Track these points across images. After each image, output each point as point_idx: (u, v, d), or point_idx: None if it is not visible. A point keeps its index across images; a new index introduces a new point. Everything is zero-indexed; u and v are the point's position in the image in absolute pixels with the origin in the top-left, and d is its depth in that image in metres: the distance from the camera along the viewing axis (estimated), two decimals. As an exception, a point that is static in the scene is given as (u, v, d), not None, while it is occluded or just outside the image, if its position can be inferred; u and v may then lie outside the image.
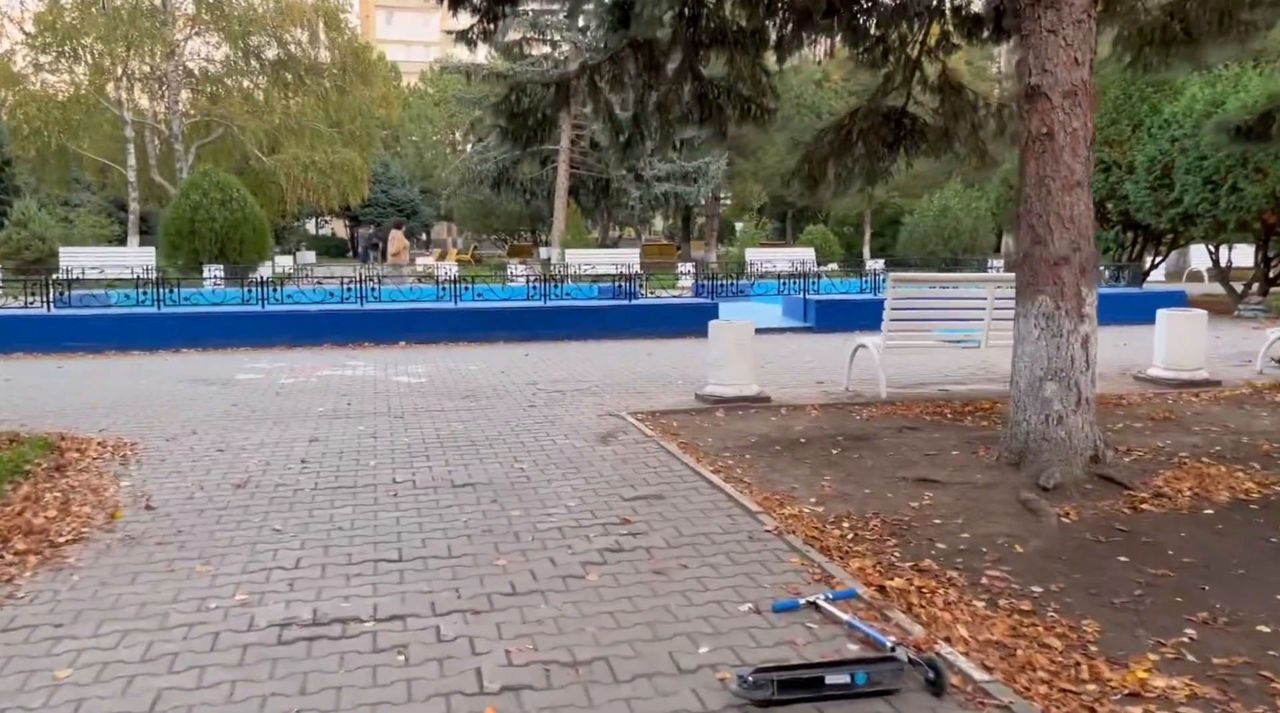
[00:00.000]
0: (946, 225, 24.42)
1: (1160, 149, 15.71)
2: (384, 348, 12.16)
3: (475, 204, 37.46)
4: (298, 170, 32.28)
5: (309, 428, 7.05)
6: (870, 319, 13.74)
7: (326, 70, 34.53)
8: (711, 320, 8.16)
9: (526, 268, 23.65)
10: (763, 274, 17.03)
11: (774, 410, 7.61)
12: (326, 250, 53.02)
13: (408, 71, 68.89)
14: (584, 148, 29.71)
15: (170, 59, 31.57)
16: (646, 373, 9.85)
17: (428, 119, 55.20)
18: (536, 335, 12.89)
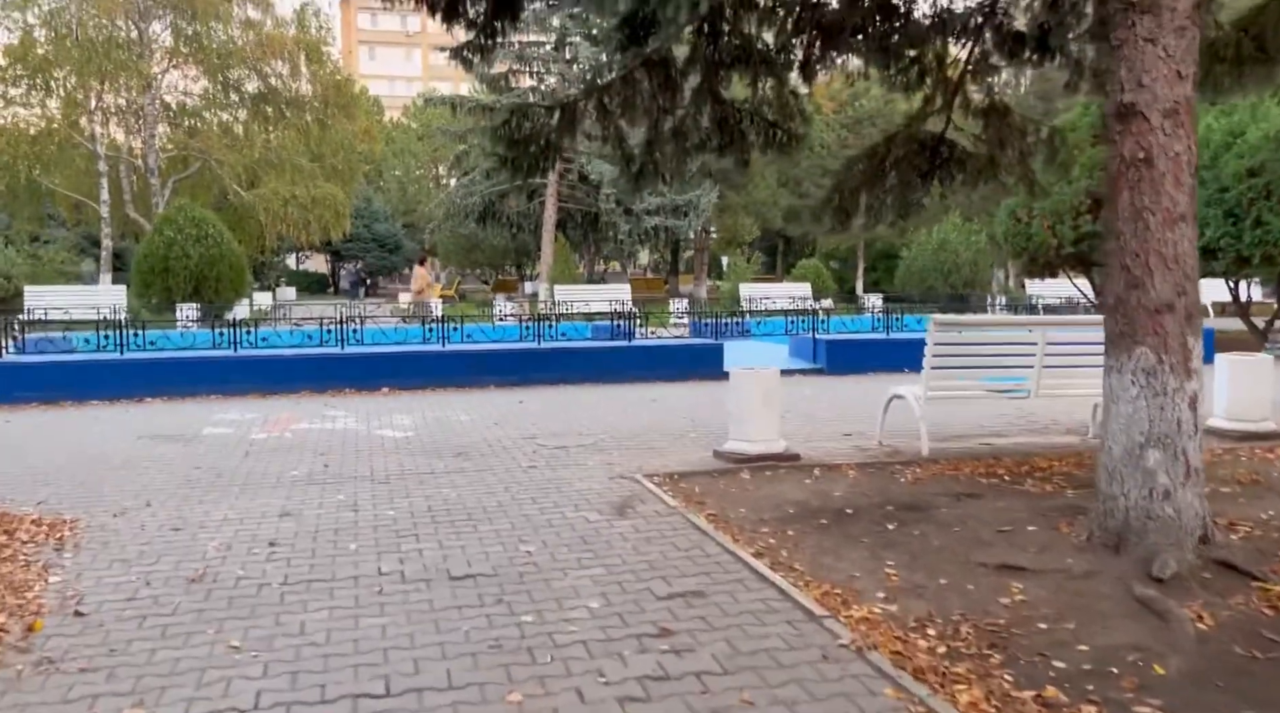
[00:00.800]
0: (946, 260, 23.85)
1: (1176, 181, 15.08)
2: (366, 395, 11.27)
3: (460, 239, 36.72)
4: (277, 205, 31.47)
5: (280, 498, 6.16)
6: (884, 360, 13.03)
7: (308, 103, 33.88)
8: (730, 367, 7.35)
9: (514, 305, 22.85)
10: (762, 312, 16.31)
11: (806, 471, 6.79)
12: (308, 286, 52.11)
13: (390, 106, 68.47)
14: (572, 181, 29.08)
15: (147, 92, 30.79)
16: (654, 424, 9.01)
17: (411, 153, 54.62)
18: (530, 380, 12.04)
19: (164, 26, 31.19)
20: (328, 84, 33.74)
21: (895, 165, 7.20)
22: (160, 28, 31.23)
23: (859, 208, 7.19)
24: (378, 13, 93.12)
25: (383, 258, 49.90)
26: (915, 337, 13.10)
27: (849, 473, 6.72)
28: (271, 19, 32.58)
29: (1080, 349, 7.27)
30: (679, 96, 6.74)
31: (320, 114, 34.06)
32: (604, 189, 27.10)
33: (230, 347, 11.52)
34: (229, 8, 30.88)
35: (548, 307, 22.13)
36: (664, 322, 21.79)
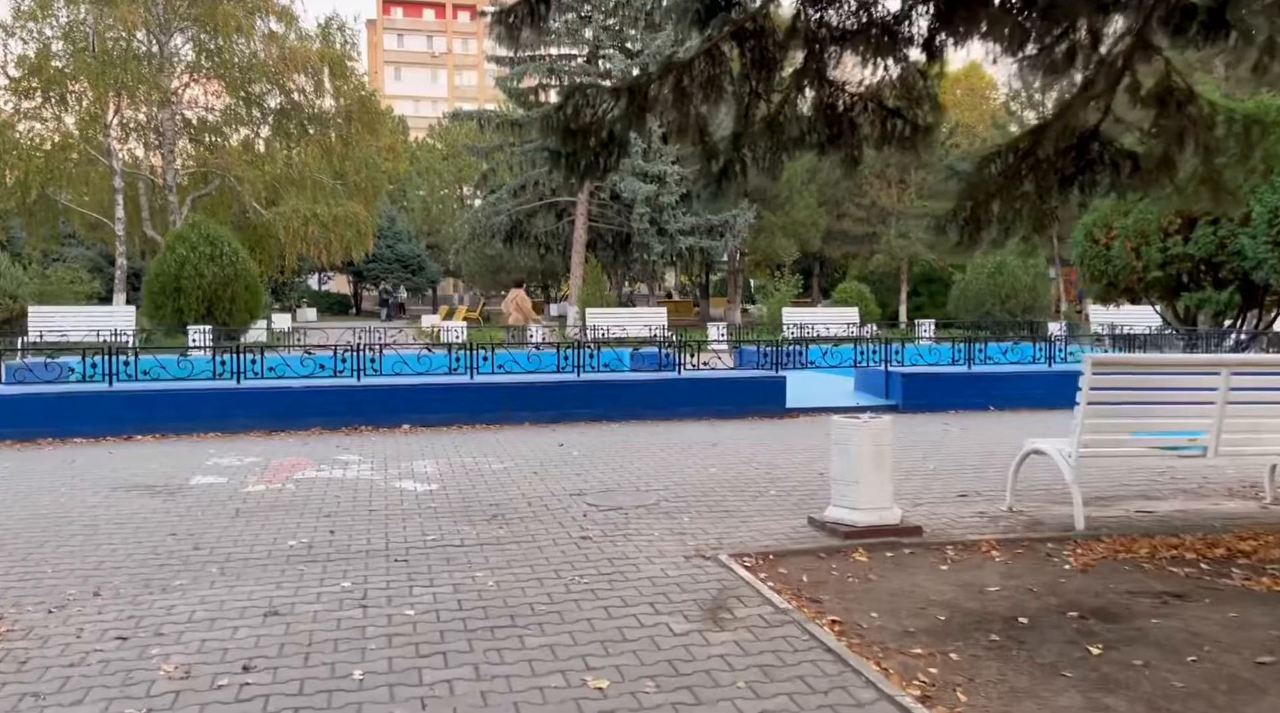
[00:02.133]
0: (1003, 283, 22.32)
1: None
2: (384, 434, 9.92)
3: (485, 259, 35.59)
4: (298, 223, 30.42)
5: (269, 584, 4.78)
6: (965, 397, 11.55)
7: (331, 119, 32.92)
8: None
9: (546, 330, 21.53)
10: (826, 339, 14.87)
11: (937, 552, 5.34)
12: (329, 307, 51.21)
13: (416, 127, 67.88)
14: (603, 199, 27.84)
15: (166, 107, 29.90)
16: (722, 477, 7.59)
17: (435, 173, 53.77)
18: (569, 416, 10.66)
19: (185, 40, 30.34)
20: (351, 99, 32.78)
21: (1035, 167, 5.79)
22: (181, 41, 30.39)
23: (992, 219, 5.77)
24: (404, 33, 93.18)
25: (406, 278, 48.87)
26: (999, 371, 11.65)
27: (993, 555, 5.27)
28: (295, 33, 31.72)
29: (1271, 396, 5.80)
30: (775, 77, 5.38)
31: (343, 130, 33.10)
32: (637, 208, 25.85)
33: (233, 377, 10.22)
34: (251, 21, 29.99)
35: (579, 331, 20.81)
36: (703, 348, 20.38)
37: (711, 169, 5.59)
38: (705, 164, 5.60)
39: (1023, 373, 11.70)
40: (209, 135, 32.69)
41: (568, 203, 28.16)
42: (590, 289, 23.67)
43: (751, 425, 10.40)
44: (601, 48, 27.80)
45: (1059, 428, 10.25)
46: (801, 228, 31.76)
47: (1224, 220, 14.78)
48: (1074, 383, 11.77)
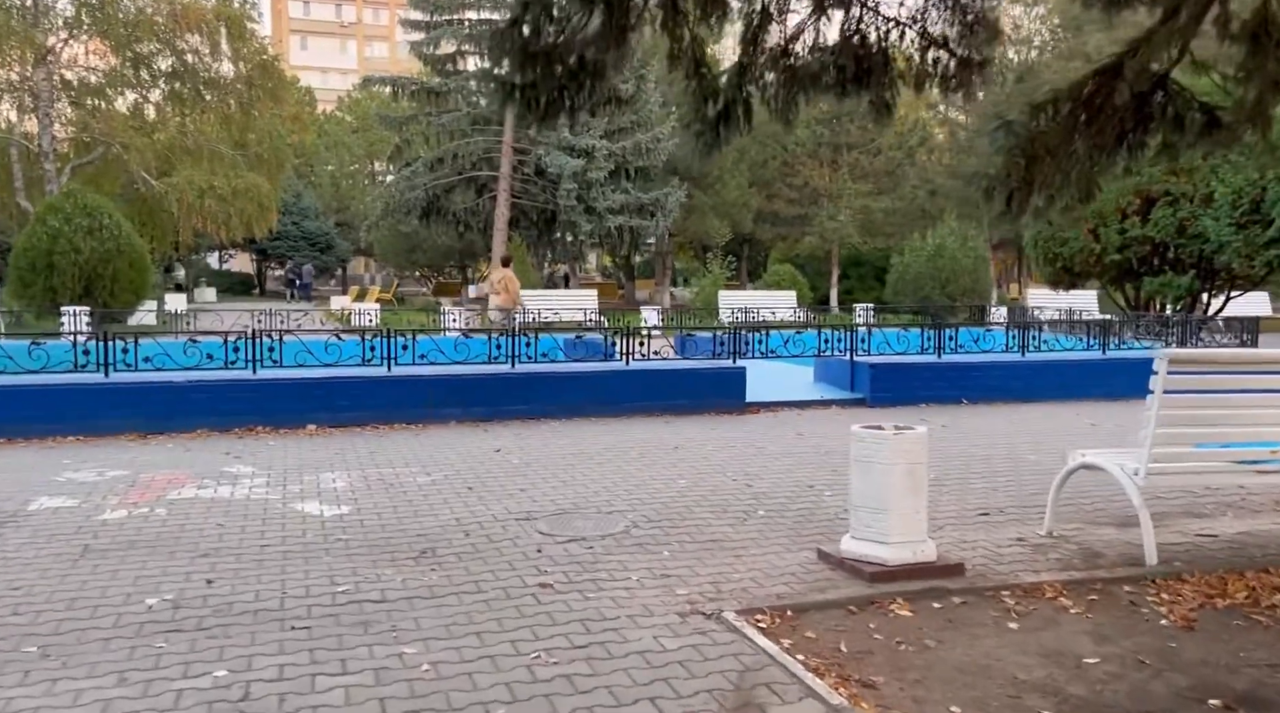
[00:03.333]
0: (943, 267, 21.66)
1: (1247, 179, 13.05)
2: (285, 436, 8.43)
3: (399, 237, 33.62)
4: (193, 196, 28.05)
5: (106, 679, 3.40)
6: (939, 390, 10.57)
7: (229, 85, 30.50)
8: (856, 427, 4.76)
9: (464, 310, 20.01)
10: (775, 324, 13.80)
11: (990, 599, 4.26)
12: (230, 287, 48.31)
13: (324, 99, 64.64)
14: (527, 174, 26.30)
15: (41, 65, 27.15)
16: (695, 488, 6.40)
17: (345, 146, 51.14)
18: (503, 412, 9.33)
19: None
20: (252, 64, 30.41)
21: (1095, 119, 4.71)
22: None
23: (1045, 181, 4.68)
24: (311, 2, 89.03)
25: (314, 257, 46.35)
26: (972, 361, 10.75)
27: (1064, 604, 4.19)
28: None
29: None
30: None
31: (244, 97, 30.71)
32: (564, 184, 24.41)
33: (99, 369, 8.57)
34: (138, -27, 27.43)
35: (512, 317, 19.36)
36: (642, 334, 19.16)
37: (707, 112, 4.35)
38: (700, 105, 4.36)
39: (997, 363, 10.82)
40: (92, 99, 29.91)
41: (489, 178, 26.55)
42: (515, 270, 22.16)
43: (710, 423, 9.23)
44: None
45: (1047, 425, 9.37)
46: (733, 208, 30.77)
47: (1184, 202, 14.20)
48: (1048, 374, 10.92)
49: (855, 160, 31.35)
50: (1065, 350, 11.40)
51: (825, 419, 9.50)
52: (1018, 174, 4.57)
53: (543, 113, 4.17)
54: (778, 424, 9.20)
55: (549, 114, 4.24)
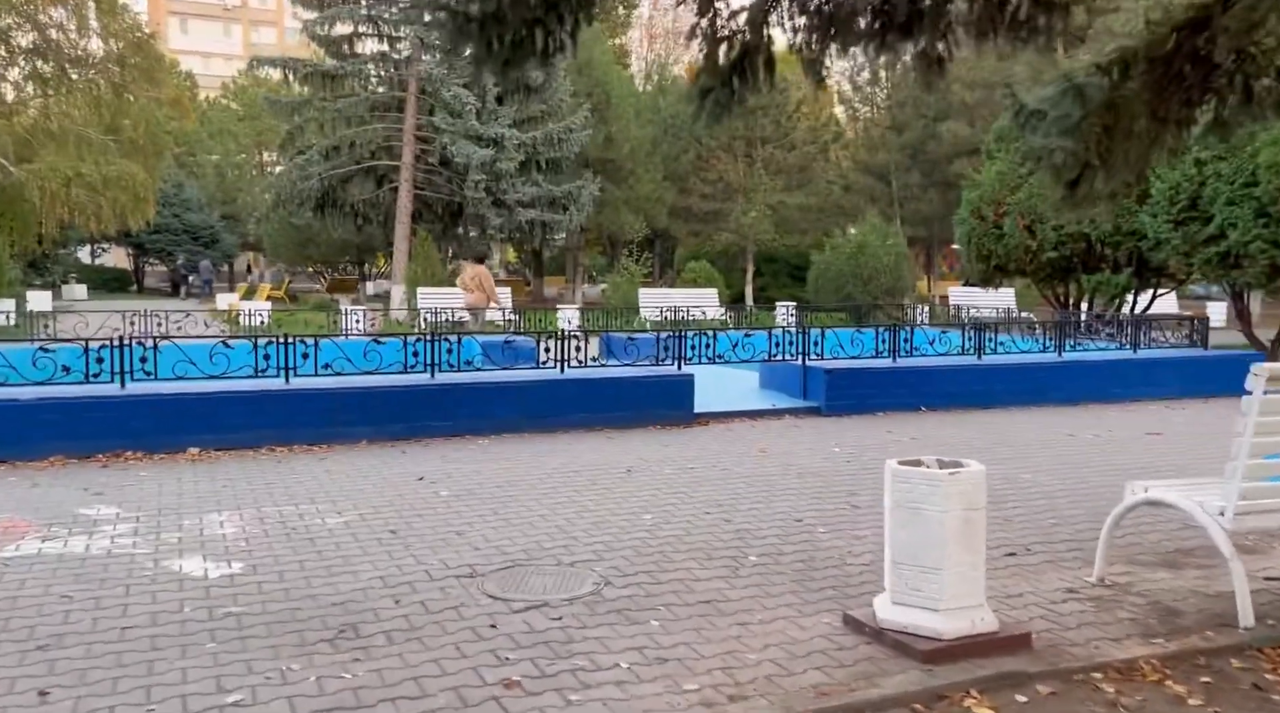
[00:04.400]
0: (865, 264, 21.20)
1: (1185, 174, 12.79)
2: (161, 464, 7.07)
3: (291, 231, 31.56)
4: (57, 184, 25.53)
5: None
6: (898, 396, 9.80)
7: (99, 64, 27.98)
8: (894, 464, 3.81)
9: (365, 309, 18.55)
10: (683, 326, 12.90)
11: (1084, 686, 3.40)
12: (104, 283, 44.93)
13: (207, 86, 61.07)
14: (430, 164, 24.80)
15: (-122, 37, 24.28)
16: (667, 525, 5.40)
17: (231, 134, 48.18)
18: (422, 429, 8.15)
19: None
20: (125, 41, 27.96)
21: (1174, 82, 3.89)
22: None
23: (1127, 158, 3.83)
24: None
25: (197, 252, 43.47)
26: (930, 365, 10.07)
27: (1178, 692, 3.35)
28: (51, -44, 26.60)
29: None
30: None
31: (115, 78, 28.22)
32: (471, 175, 23.03)
33: (-77, 387, 7.04)
34: (-9, -63, 24.79)
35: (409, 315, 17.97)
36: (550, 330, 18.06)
37: (718, 61, 3.34)
38: (711, 51, 3.34)
39: (955, 367, 10.16)
40: (-60, 76, 27.00)
41: (390, 168, 24.92)
42: (419, 265, 20.76)
43: (660, 438, 8.25)
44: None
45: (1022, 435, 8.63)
46: (646, 203, 29.86)
47: (1118, 198, 13.89)
48: (1007, 378, 10.28)
49: (770, 155, 30.85)
50: (1022, 352, 10.83)
51: (783, 432, 8.62)
52: (1095, 148, 3.70)
53: (507, 56, 3.09)
54: (734, 439, 8.27)
55: (515, 59, 3.17)
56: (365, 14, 24.94)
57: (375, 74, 25.86)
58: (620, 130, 28.74)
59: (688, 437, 8.37)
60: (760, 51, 3.34)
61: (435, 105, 23.87)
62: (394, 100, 25.07)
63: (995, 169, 15.14)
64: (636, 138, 29.36)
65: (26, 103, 27.67)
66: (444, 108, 23.39)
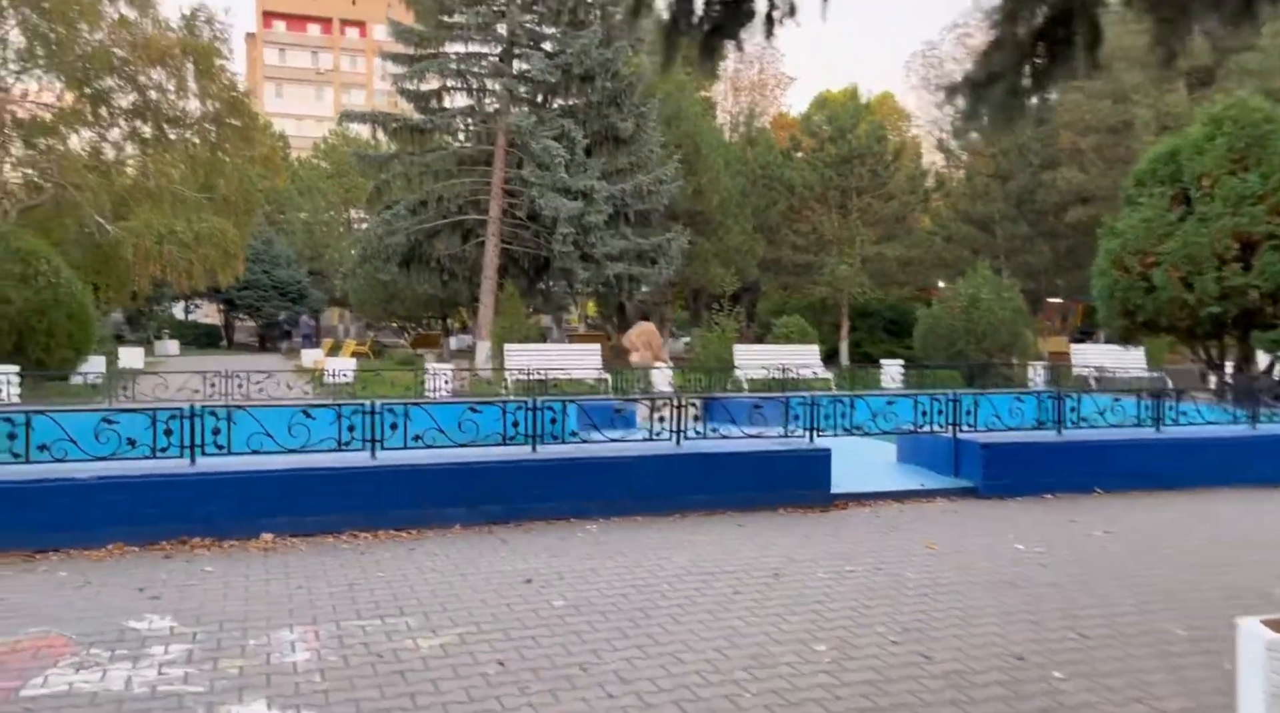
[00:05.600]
0: (979, 319, 19.70)
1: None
2: (231, 552, 6.14)
3: (377, 286, 31.36)
4: (150, 241, 25.71)
5: None
6: (1065, 475, 8.37)
7: (196, 123, 28.37)
8: (1269, 634, 2.56)
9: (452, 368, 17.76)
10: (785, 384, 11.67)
11: None
12: (196, 339, 45.74)
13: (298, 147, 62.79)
14: (518, 218, 24.25)
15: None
16: (852, 664, 4.19)
17: (320, 192, 48.99)
18: (522, 511, 7.11)
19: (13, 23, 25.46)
20: (222, 100, 28.32)
21: None
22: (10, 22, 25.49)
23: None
24: (287, 49, 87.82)
25: (284, 307, 43.93)
26: (1103, 438, 8.65)
27: None
28: (152, 21, 27.15)
29: None
30: None
31: (211, 136, 28.58)
32: (560, 229, 22.36)
33: (-28, 462, 6.29)
34: (95, 3, 25.35)
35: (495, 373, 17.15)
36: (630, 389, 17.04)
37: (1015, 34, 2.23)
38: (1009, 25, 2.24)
39: (1131, 441, 8.71)
40: (44, 138, 27.62)
41: (476, 222, 24.46)
42: (507, 321, 20.04)
43: (797, 526, 7.04)
44: (518, 45, 24.31)
45: (1239, 526, 7.12)
46: (737, 255, 28.86)
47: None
48: (1194, 454, 8.76)
49: (866, 205, 29.61)
50: (1208, 423, 9.33)
51: (941, 520, 7.32)
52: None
53: (711, 30, 2.05)
54: (884, 527, 7.02)
55: (715, 38, 2.12)
56: (455, 68, 24.71)
57: (463, 128, 25.58)
58: (710, 182, 27.91)
59: (829, 524, 7.14)
60: (1083, 17, 2.25)
61: (524, 158, 23.36)
62: (482, 154, 24.70)
63: (1139, 217, 13.67)
64: (726, 189, 28.48)
65: (125, 162, 28.13)
66: (533, 160, 22.85)
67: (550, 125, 23.61)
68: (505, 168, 23.87)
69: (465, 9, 24.02)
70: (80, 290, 17.35)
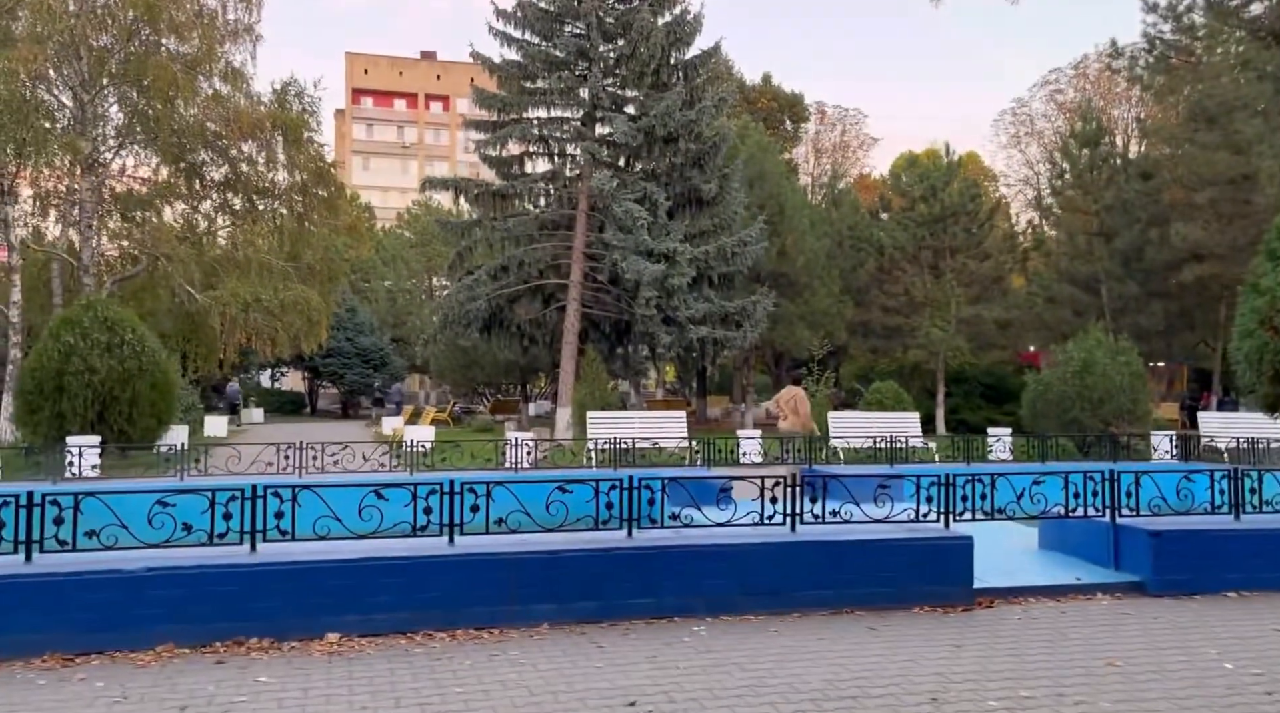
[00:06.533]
0: (1093, 385, 18.26)
1: None
2: (291, 655, 5.37)
3: (457, 352, 31.21)
4: (236, 309, 25.91)
5: None
6: (1250, 568, 7.16)
7: (283, 193, 28.82)
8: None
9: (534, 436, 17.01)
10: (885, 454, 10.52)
11: None
12: (280, 407, 46.35)
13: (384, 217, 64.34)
14: (599, 282, 23.76)
15: (88, 175, 25.64)
16: None
17: (403, 260, 49.73)
18: (619, 608, 6.22)
19: (113, 99, 26.32)
20: (308, 171, 28.75)
21: None
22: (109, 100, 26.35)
23: None
24: (374, 123, 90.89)
25: (366, 375, 44.24)
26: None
27: None
28: (244, 95, 27.81)
29: None
30: None
31: (299, 207, 28.99)
32: (642, 292, 21.74)
33: (17, 549, 5.66)
34: (192, 80, 26.05)
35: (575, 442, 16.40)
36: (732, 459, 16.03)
37: None
38: None
39: (1327, 527, 7.42)
40: (140, 210, 28.34)
41: (557, 286, 24.06)
42: (589, 387, 19.36)
43: (940, 631, 5.97)
44: (600, 108, 24.11)
45: None
46: (824, 318, 27.85)
47: None
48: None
49: (961, 265, 28.38)
50: None
51: (1115, 626, 6.16)
52: None
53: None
54: (1049, 636, 5.90)
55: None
56: (536, 133, 24.60)
57: (545, 192, 25.38)
58: (795, 243, 27.12)
59: (980, 629, 6.05)
60: None
61: (605, 221, 22.96)
62: (563, 218, 24.42)
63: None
64: (812, 250, 27.62)
65: (215, 232, 28.66)
66: (614, 223, 22.41)
67: (632, 188, 23.19)
68: (587, 231, 23.49)
69: (547, 75, 23.98)
70: (164, 359, 17.23)
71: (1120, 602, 6.82)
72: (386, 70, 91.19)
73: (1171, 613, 6.48)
